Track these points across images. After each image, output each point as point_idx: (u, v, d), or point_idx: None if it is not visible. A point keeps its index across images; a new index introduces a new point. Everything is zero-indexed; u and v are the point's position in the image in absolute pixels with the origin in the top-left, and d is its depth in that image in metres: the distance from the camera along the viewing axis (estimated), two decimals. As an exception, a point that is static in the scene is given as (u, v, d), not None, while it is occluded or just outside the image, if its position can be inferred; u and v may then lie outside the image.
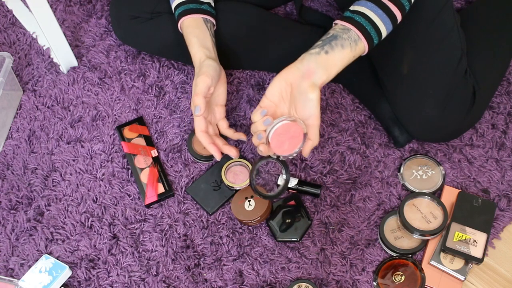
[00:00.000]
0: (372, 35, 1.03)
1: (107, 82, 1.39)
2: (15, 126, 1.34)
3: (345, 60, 1.02)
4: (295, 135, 1.04)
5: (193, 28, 1.16)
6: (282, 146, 1.05)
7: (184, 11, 1.17)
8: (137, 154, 1.27)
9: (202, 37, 1.16)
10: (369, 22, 1.03)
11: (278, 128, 1.04)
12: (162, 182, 1.23)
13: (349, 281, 1.13)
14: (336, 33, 1.03)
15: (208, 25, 1.18)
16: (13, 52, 1.45)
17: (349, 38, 1.02)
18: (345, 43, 1.02)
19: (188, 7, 1.17)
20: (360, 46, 1.03)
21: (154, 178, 1.24)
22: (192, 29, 1.16)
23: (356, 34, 1.02)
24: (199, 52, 1.14)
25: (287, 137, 1.04)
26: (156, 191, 1.22)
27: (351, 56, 1.03)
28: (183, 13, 1.17)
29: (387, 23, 1.04)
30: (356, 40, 1.02)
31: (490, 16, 1.34)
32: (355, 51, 1.02)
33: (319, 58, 1.01)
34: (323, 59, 1.01)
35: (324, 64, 1.01)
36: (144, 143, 1.29)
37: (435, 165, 1.24)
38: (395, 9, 1.04)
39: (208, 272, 1.15)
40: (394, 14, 1.04)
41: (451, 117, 1.19)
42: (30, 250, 1.18)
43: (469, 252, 1.11)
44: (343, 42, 1.02)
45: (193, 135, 1.28)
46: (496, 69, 1.29)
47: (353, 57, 1.03)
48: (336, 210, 1.21)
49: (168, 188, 1.23)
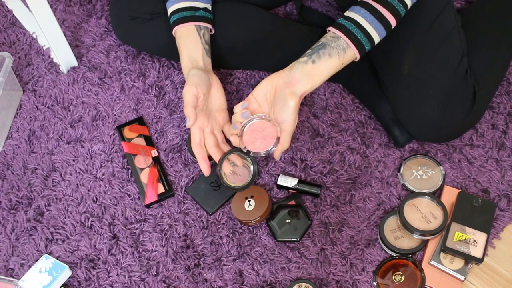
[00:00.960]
0: (363, 42, 1.06)
1: (107, 82, 1.39)
2: (15, 126, 1.34)
3: (332, 68, 1.06)
4: (268, 136, 1.10)
5: (184, 39, 1.16)
6: (254, 143, 1.11)
7: (178, 20, 1.17)
8: (137, 154, 1.27)
9: (192, 48, 1.16)
10: (360, 30, 1.05)
11: (253, 123, 1.10)
12: (162, 182, 1.23)
13: (349, 281, 1.13)
14: (325, 42, 1.07)
15: (201, 32, 1.17)
16: (13, 52, 1.45)
17: (337, 46, 1.06)
18: (332, 52, 1.06)
19: (182, 15, 1.17)
20: (350, 53, 1.06)
21: (154, 178, 1.24)
22: (182, 40, 1.16)
23: (346, 42, 1.05)
24: (187, 64, 1.15)
25: (260, 136, 1.10)
26: (156, 191, 1.22)
27: (339, 64, 1.07)
28: (177, 22, 1.17)
29: (379, 30, 1.07)
30: (345, 48, 1.06)
31: (490, 16, 1.34)
32: (343, 59, 1.06)
33: (306, 67, 1.06)
34: (309, 69, 1.06)
35: (309, 74, 1.06)
36: (144, 143, 1.29)
37: (435, 165, 1.24)
38: (389, 15, 1.06)
39: (208, 272, 1.15)
40: (387, 21, 1.06)
41: (451, 117, 1.19)
42: (30, 250, 1.18)
43: (469, 252, 1.11)
44: (331, 51, 1.06)
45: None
46: (496, 69, 1.29)
47: (341, 65, 1.07)
48: (336, 210, 1.21)
49: (168, 188, 1.22)
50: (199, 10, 1.18)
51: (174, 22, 1.17)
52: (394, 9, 1.06)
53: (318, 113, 1.32)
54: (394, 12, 1.06)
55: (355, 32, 1.05)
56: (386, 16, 1.06)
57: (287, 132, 1.08)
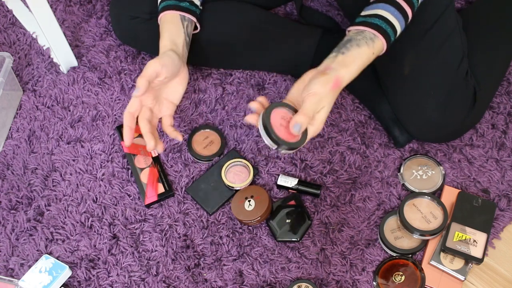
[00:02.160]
0: (389, 32, 1.03)
1: (107, 82, 1.39)
2: (15, 126, 1.34)
3: (364, 56, 1.01)
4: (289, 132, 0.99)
5: (168, 23, 1.14)
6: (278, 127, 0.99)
7: (164, 7, 1.16)
8: (137, 154, 1.27)
9: (175, 33, 1.14)
10: (384, 21, 1.02)
11: (282, 110, 1.00)
12: (162, 182, 1.23)
13: (349, 281, 1.13)
14: (349, 37, 1.02)
15: (185, 24, 1.16)
16: (13, 52, 1.45)
17: (364, 38, 1.01)
18: (360, 42, 1.01)
19: (167, 3, 1.16)
20: (378, 43, 1.02)
21: (154, 178, 1.24)
22: (167, 24, 1.14)
23: (371, 33, 1.02)
24: (166, 44, 1.12)
25: (285, 125, 1.00)
26: (156, 191, 1.22)
27: (369, 53, 1.02)
28: (163, 9, 1.16)
29: (400, 20, 1.04)
30: (372, 38, 1.01)
31: (490, 16, 1.34)
32: (373, 48, 1.02)
33: (337, 58, 1.01)
34: (340, 59, 1.01)
35: (341, 63, 1.00)
36: (144, 143, 1.28)
37: (435, 165, 1.24)
38: (407, 7, 1.04)
39: (208, 272, 1.15)
40: (405, 11, 1.04)
41: (451, 117, 1.19)
42: (30, 250, 1.18)
43: (469, 252, 1.11)
44: (358, 42, 1.01)
45: (193, 135, 1.28)
46: (496, 69, 1.29)
47: (372, 54, 1.02)
48: (336, 210, 1.21)
49: (168, 188, 1.22)
50: (184, 2, 1.17)
51: (161, 9, 1.16)
52: (410, 1, 1.04)
53: (318, 113, 1.32)
54: (410, 4, 1.04)
55: (379, 24, 1.02)
56: (404, 8, 1.04)
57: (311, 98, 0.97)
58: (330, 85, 0.98)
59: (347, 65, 1.00)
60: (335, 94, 1.00)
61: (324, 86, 0.98)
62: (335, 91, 0.99)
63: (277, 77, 1.37)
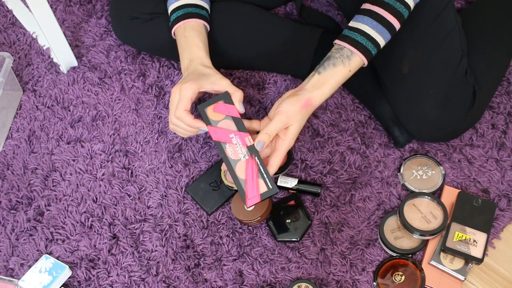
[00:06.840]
0: (369, 48, 1.08)
1: (107, 82, 1.39)
2: (15, 126, 1.34)
3: (338, 76, 1.08)
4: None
5: (198, 32, 1.15)
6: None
7: (185, 14, 1.16)
8: (228, 143, 1.04)
9: (205, 42, 1.15)
10: (365, 36, 1.07)
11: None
12: (263, 178, 1.01)
13: (349, 281, 1.13)
14: (330, 54, 1.09)
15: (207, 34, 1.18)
16: (13, 52, 1.45)
17: (341, 56, 1.07)
18: (337, 62, 1.07)
19: (188, 10, 1.16)
20: (355, 59, 1.07)
21: (253, 172, 1.02)
22: (197, 33, 1.15)
23: (349, 50, 1.07)
24: (201, 55, 1.13)
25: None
26: (257, 189, 1.01)
27: (345, 71, 1.08)
28: (185, 16, 1.16)
29: (383, 33, 1.08)
30: (349, 55, 1.07)
31: (490, 16, 1.34)
32: (349, 65, 1.08)
33: (313, 79, 1.08)
34: (315, 79, 1.07)
35: (316, 84, 1.07)
36: (234, 127, 1.06)
37: (435, 165, 1.24)
38: (391, 18, 1.07)
39: (208, 272, 1.15)
40: (390, 23, 1.08)
41: (451, 117, 1.19)
42: (30, 250, 1.18)
43: (469, 252, 1.11)
44: (335, 61, 1.07)
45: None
46: (496, 69, 1.29)
47: (348, 72, 1.08)
48: (336, 210, 1.21)
49: (271, 186, 1.01)
50: (203, 10, 1.19)
51: (181, 16, 1.16)
52: (396, 12, 1.07)
53: (318, 113, 1.32)
54: (396, 14, 1.07)
55: (359, 40, 1.07)
56: (388, 19, 1.07)
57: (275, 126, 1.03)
58: (299, 104, 1.05)
59: (320, 86, 1.07)
60: (307, 112, 1.06)
61: (294, 105, 1.04)
62: (307, 110, 1.06)
63: (277, 77, 1.37)
